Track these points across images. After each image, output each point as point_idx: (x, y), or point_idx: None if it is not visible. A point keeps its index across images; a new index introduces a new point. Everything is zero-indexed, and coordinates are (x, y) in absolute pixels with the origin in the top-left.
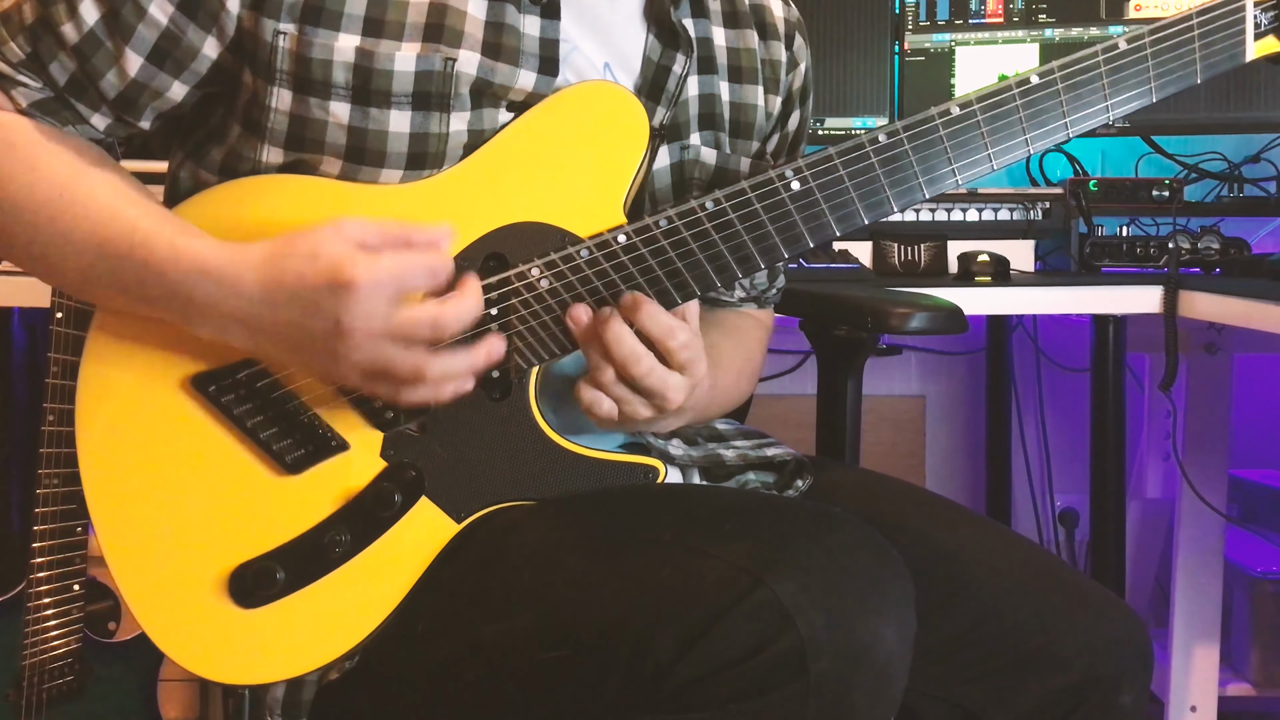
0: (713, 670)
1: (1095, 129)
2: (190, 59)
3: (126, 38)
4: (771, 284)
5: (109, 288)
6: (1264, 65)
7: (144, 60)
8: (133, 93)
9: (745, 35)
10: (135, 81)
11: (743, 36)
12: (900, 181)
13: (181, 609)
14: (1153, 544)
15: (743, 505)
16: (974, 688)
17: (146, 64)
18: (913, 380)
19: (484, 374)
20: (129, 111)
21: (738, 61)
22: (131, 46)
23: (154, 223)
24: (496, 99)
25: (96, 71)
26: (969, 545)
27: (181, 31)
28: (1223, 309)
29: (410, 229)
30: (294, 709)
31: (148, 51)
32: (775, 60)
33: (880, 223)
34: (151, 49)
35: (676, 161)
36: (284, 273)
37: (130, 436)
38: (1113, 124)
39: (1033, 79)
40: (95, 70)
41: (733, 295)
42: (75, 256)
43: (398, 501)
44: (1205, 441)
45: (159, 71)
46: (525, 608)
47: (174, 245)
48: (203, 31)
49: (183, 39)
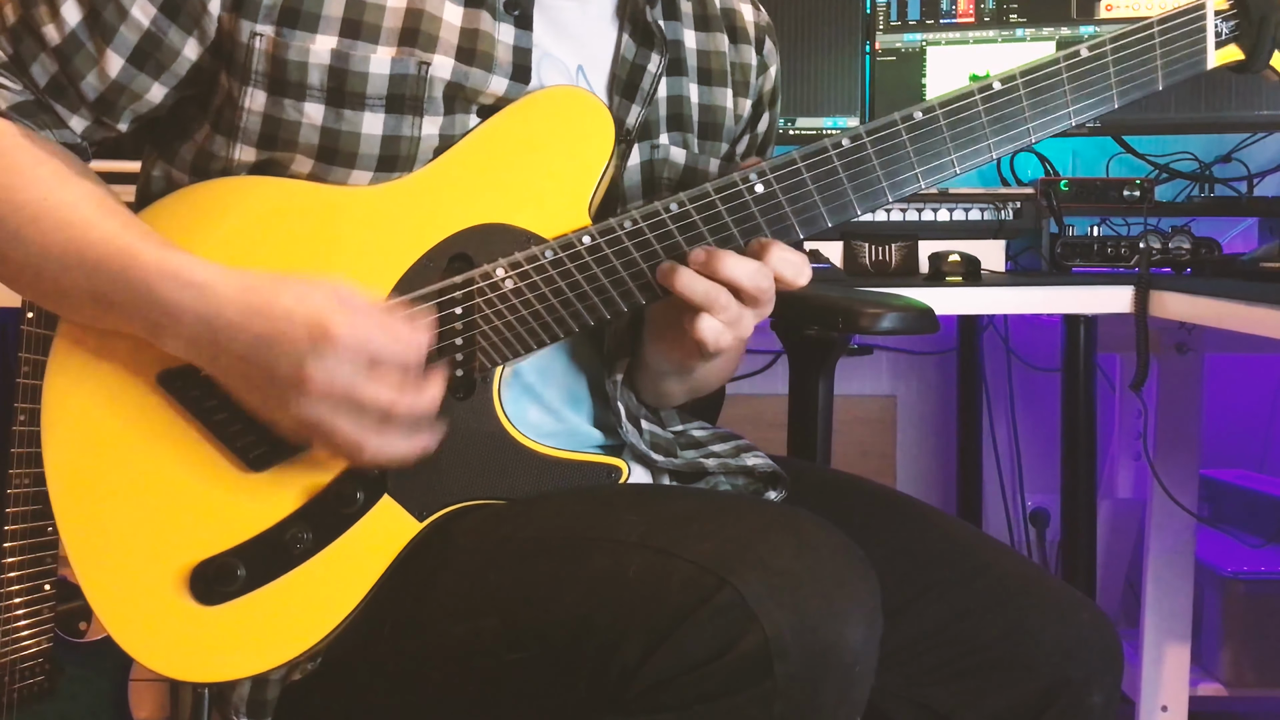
0: (679, 671)
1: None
2: (171, 60)
3: (108, 39)
4: None
5: (81, 295)
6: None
7: (125, 62)
8: (112, 94)
9: (716, 38)
10: (115, 83)
11: (713, 39)
12: (864, 185)
13: (142, 606)
14: (1124, 544)
15: (709, 506)
16: (943, 689)
17: (127, 65)
18: (884, 380)
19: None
20: (108, 113)
21: (708, 64)
22: (113, 48)
23: (136, 234)
24: (468, 103)
25: (77, 73)
26: (938, 546)
27: (163, 33)
28: (1194, 309)
29: (400, 314)
30: (259, 708)
31: (129, 53)
32: (745, 64)
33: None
34: (133, 50)
35: (646, 160)
36: (269, 305)
37: (94, 433)
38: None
39: (995, 85)
40: (76, 71)
41: None
42: (51, 262)
43: (360, 500)
44: (1176, 441)
45: (139, 73)
46: (491, 608)
47: (159, 256)
48: (184, 33)
49: (164, 40)
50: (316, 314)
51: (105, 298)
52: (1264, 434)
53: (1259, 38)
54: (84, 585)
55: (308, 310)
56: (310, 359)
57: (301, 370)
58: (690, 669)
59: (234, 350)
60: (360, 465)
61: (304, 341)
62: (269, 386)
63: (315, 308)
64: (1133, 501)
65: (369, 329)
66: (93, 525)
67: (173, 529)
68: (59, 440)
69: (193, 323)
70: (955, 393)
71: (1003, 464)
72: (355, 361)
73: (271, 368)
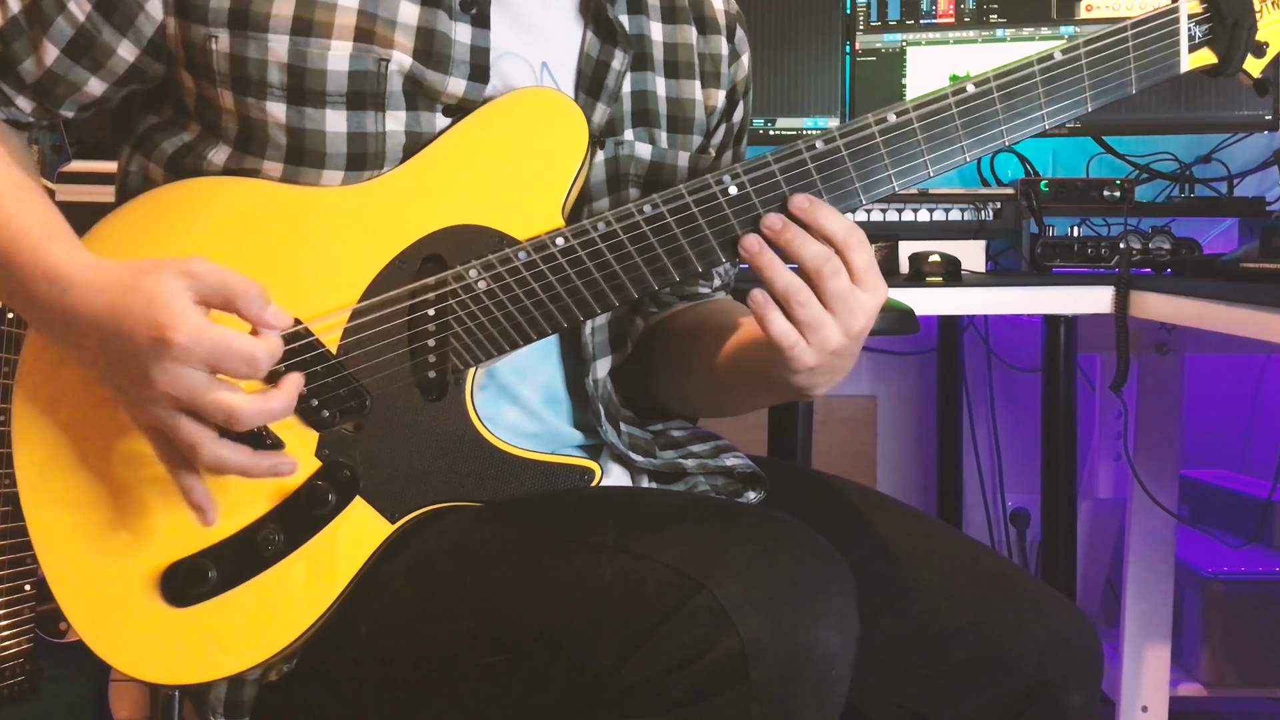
0: (655, 675)
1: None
2: (106, 58)
3: (45, 28)
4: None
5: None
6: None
7: (60, 53)
8: (49, 83)
9: (682, 30)
10: (51, 72)
11: (680, 31)
12: (838, 187)
13: (113, 608)
14: (1104, 544)
15: (686, 509)
16: (923, 690)
17: (63, 57)
18: (864, 380)
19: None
20: (48, 100)
21: (674, 56)
22: (49, 38)
23: (26, 221)
24: (430, 102)
25: (16, 57)
26: (917, 547)
27: (97, 31)
28: (1174, 309)
29: (254, 301)
30: (236, 709)
31: (64, 45)
32: (716, 54)
33: None
34: (68, 43)
35: (611, 157)
36: (115, 304)
37: (64, 434)
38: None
39: (969, 88)
40: (15, 55)
41: (712, 284)
42: None
43: (332, 501)
44: (1156, 442)
45: (75, 65)
46: (467, 611)
47: (33, 247)
48: (118, 33)
49: (98, 38)
50: (156, 320)
51: (2, 285)
52: (1244, 434)
53: (1232, 41)
54: (54, 588)
55: (152, 312)
56: (151, 363)
57: (145, 373)
58: (666, 673)
59: (88, 346)
60: (202, 467)
61: (146, 347)
62: (120, 382)
63: (160, 309)
64: (1113, 502)
65: (210, 333)
66: (62, 527)
67: (143, 530)
68: (28, 442)
69: (57, 317)
70: (935, 393)
71: (983, 464)
72: (194, 367)
73: (118, 367)
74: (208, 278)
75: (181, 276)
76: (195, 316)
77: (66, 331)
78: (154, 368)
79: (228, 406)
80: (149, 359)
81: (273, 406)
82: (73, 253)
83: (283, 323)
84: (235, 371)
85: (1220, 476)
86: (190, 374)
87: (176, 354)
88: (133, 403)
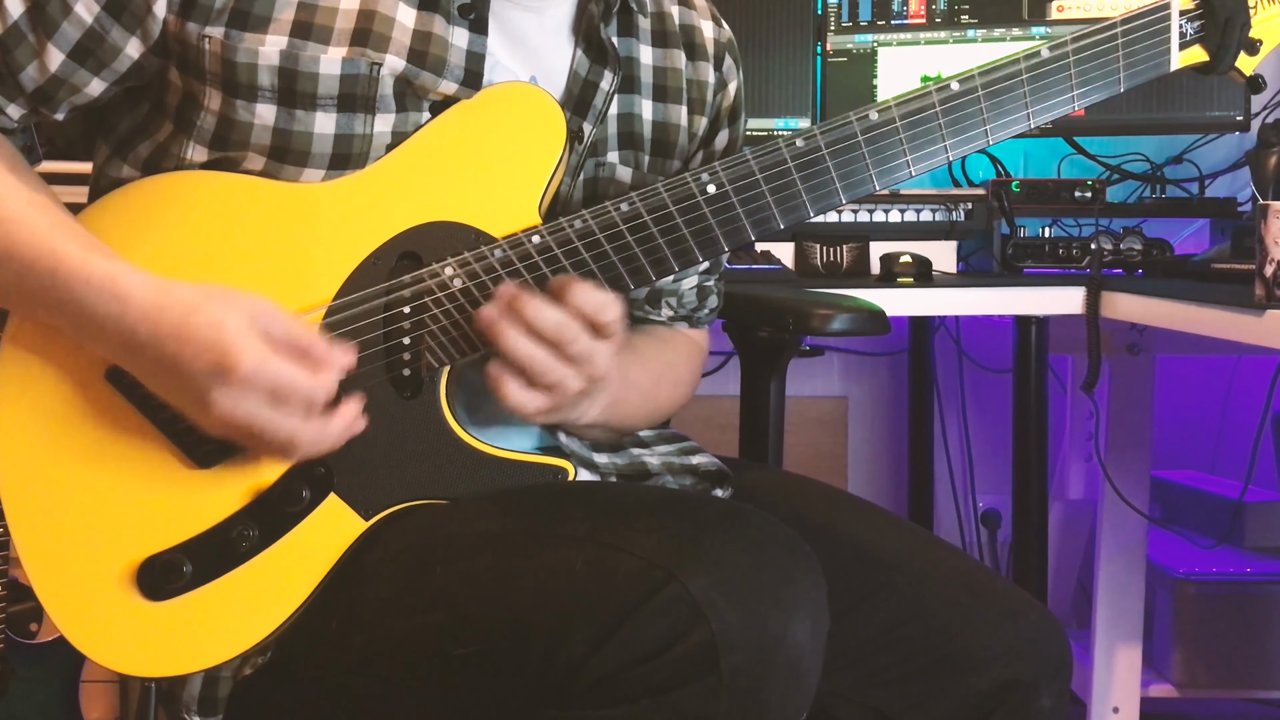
0: (625, 666)
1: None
2: (112, 58)
3: (50, 33)
4: (702, 303)
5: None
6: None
7: (65, 56)
8: (51, 87)
9: (672, 55)
10: (55, 77)
11: (670, 56)
12: (817, 187)
13: (90, 600)
14: (1075, 545)
15: (656, 501)
16: (891, 691)
17: (68, 60)
18: (835, 381)
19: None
20: (45, 104)
21: (663, 81)
22: (54, 42)
23: (64, 235)
24: (419, 99)
25: (17, 64)
26: (887, 547)
27: (105, 31)
28: (1145, 310)
29: (316, 347)
30: (210, 705)
31: (70, 48)
32: (703, 81)
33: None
34: (74, 46)
35: (591, 177)
36: (178, 328)
37: (44, 429)
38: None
39: (953, 86)
40: (16, 63)
41: (660, 314)
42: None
43: (306, 498)
44: (1127, 442)
45: (79, 68)
46: (438, 604)
47: (83, 260)
48: (127, 33)
49: (106, 39)
50: (222, 344)
51: (34, 297)
52: (1215, 435)
53: (1224, 39)
54: (33, 581)
55: (215, 339)
56: (213, 388)
57: (205, 396)
58: (637, 663)
59: (145, 366)
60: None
61: (206, 371)
62: (183, 400)
63: (223, 337)
64: (1084, 502)
65: (274, 365)
66: (42, 521)
67: (121, 525)
68: (6, 437)
69: (114, 333)
70: (907, 394)
71: (954, 465)
72: (256, 395)
73: (181, 387)
74: (270, 312)
75: (248, 306)
76: (261, 349)
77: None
78: (215, 393)
79: (288, 433)
80: (212, 384)
81: (329, 432)
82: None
83: (345, 362)
84: (292, 411)
85: (1191, 477)
86: (249, 402)
87: (239, 379)
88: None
